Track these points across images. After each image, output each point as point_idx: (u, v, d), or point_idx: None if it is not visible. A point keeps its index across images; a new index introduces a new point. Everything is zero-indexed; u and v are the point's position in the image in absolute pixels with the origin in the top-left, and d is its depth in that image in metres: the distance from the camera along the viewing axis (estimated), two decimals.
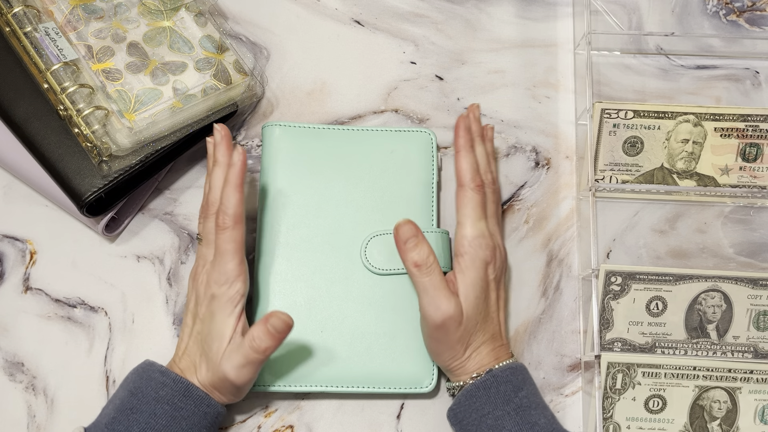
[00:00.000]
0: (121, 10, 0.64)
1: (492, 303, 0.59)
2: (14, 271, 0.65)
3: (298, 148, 0.65)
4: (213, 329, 0.56)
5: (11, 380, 0.63)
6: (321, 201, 0.64)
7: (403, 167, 0.65)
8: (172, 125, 0.61)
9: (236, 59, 0.65)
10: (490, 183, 0.62)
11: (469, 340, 0.57)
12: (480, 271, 0.58)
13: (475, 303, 0.57)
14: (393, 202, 0.64)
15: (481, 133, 0.64)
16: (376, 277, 0.62)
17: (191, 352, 0.57)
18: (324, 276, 0.62)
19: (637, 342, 0.63)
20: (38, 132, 0.61)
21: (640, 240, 0.67)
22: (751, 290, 0.63)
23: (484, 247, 0.58)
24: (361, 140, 0.66)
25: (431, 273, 0.57)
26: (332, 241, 0.63)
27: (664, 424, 0.61)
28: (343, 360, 0.60)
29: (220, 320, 0.56)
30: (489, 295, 0.59)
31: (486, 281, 0.58)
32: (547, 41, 0.72)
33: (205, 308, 0.57)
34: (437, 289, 0.56)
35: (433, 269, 0.57)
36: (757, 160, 0.67)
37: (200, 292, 0.58)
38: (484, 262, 0.58)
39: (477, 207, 0.59)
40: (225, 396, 0.57)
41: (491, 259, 0.59)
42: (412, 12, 0.73)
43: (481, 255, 0.58)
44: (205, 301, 0.57)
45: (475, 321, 0.57)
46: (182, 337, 0.59)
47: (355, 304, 0.62)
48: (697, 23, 0.73)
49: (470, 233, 0.58)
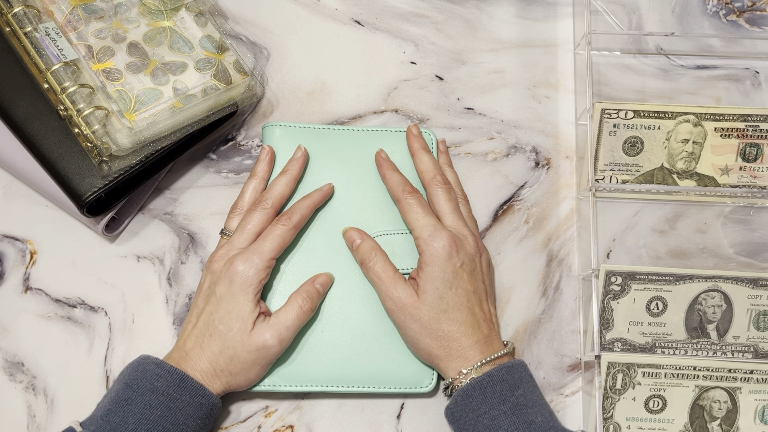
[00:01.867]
0: (121, 10, 0.64)
1: (465, 293, 0.58)
2: (14, 271, 0.65)
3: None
4: (233, 309, 0.57)
5: (11, 380, 0.63)
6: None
7: (403, 167, 0.65)
8: (172, 125, 0.61)
9: (236, 59, 0.65)
10: (439, 183, 0.62)
11: (440, 330, 0.57)
12: (439, 263, 0.58)
13: (435, 291, 0.57)
14: (392, 202, 0.64)
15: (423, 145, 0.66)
16: None
17: (200, 332, 0.58)
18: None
19: (637, 342, 0.63)
20: (38, 132, 0.61)
21: (640, 240, 0.67)
22: (751, 290, 0.63)
23: (437, 238, 0.58)
24: (361, 140, 0.66)
25: (375, 264, 0.60)
26: (333, 242, 0.63)
27: (665, 424, 0.61)
28: (343, 360, 0.60)
29: (242, 301, 0.57)
30: (458, 285, 0.58)
31: (450, 272, 0.58)
32: (547, 41, 0.72)
33: (224, 288, 0.58)
34: (386, 278, 0.59)
35: (377, 260, 0.60)
36: (757, 160, 0.67)
37: (221, 272, 0.58)
38: (442, 254, 0.58)
39: (414, 208, 0.60)
40: (232, 380, 0.57)
41: (451, 249, 0.58)
42: (412, 12, 0.73)
43: (436, 247, 0.58)
44: (226, 280, 0.58)
45: (440, 309, 0.57)
46: (189, 319, 0.59)
47: (355, 304, 0.62)
48: (697, 23, 0.73)
49: (419, 233, 0.59)
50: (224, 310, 0.57)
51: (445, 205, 0.62)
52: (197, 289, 0.61)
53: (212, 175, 0.68)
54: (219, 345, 0.57)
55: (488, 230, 0.67)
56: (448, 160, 0.67)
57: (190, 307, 0.61)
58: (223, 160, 0.69)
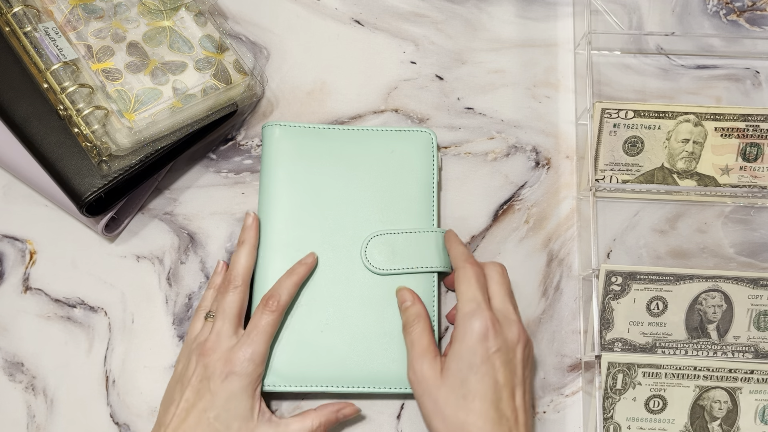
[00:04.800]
0: (121, 10, 0.64)
1: (493, 383, 0.53)
2: (14, 271, 0.65)
3: (298, 147, 0.65)
4: (232, 408, 0.55)
5: (11, 380, 0.63)
6: (321, 201, 0.64)
7: (404, 167, 0.65)
8: (172, 125, 0.61)
9: (236, 59, 0.65)
10: (497, 265, 0.59)
11: (455, 418, 0.53)
12: (470, 342, 0.54)
13: (458, 373, 0.54)
14: (393, 201, 0.64)
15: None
16: (377, 277, 0.62)
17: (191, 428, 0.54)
18: (324, 276, 0.62)
19: (637, 342, 0.63)
20: (38, 132, 0.61)
21: (640, 240, 0.67)
22: (752, 290, 0.63)
23: (477, 317, 0.55)
24: (361, 140, 0.66)
25: (415, 329, 0.58)
26: (332, 241, 0.63)
27: (665, 424, 0.61)
28: (343, 360, 0.60)
29: (243, 400, 0.55)
30: (486, 372, 0.53)
31: (480, 355, 0.54)
32: (548, 41, 0.72)
33: (221, 384, 0.55)
34: (418, 346, 0.57)
35: (418, 326, 0.58)
36: (757, 159, 0.67)
37: (215, 369, 0.55)
38: (477, 334, 0.54)
39: (470, 279, 0.57)
40: None
41: (487, 331, 0.54)
42: (412, 12, 0.73)
43: (473, 325, 0.54)
44: (221, 377, 0.55)
45: (460, 394, 0.53)
46: (173, 411, 0.55)
47: (355, 304, 0.61)
48: (697, 23, 0.73)
49: (461, 306, 0.56)
50: (221, 408, 0.54)
51: (499, 287, 0.58)
52: (179, 377, 0.57)
53: (212, 175, 0.68)
54: None
55: (488, 230, 0.67)
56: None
57: (168, 395, 0.57)
58: (222, 160, 0.69)
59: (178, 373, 0.58)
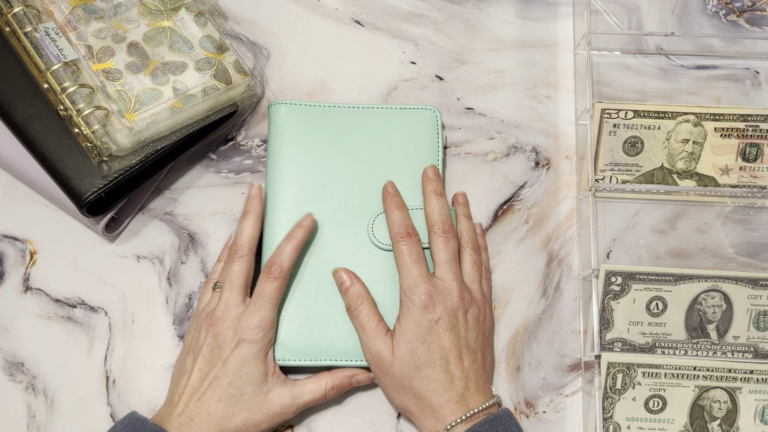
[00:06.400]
0: (121, 10, 0.64)
1: (440, 350, 0.56)
2: (14, 271, 0.65)
3: (304, 126, 0.65)
4: (245, 373, 0.56)
5: (11, 380, 0.63)
6: (328, 178, 0.64)
7: (409, 144, 0.65)
8: (172, 125, 0.61)
9: (236, 59, 0.65)
10: (439, 231, 0.60)
11: (411, 387, 0.56)
12: (414, 316, 0.57)
13: (407, 346, 0.56)
14: (399, 178, 0.64)
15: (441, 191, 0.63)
16: (384, 252, 0.62)
17: (205, 396, 0.56)
18: (332, 252, 0.62)
19: (637, 342, 0.63)
20: (38, 132, 0.61)
21: (640, 240, 0.67)
22: (751, 290, 0.63)
23: (415, 290, 0.57)
24: (366, 118, 0.66)
25: (360, 312, 0.59)
26: (339, 218, 0.63)
27: (665, 424, 0.61)
28: (351, 335, 0.60)
29: (256, 365, 0.56)
30: (432, 341, 0.56)
31: (425, 326, 0.56)
32: (547, 41, 0.72)
33: (233, 351, 0.56)
34: (368, 328, 0.58)
35: (363, 308, 0.59)
36: (757, 160, 0.67)
37: (225, 337, 0.56)
38: (418, 307, 0.57)
39: (403, 255, 0.59)
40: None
41: (427, 303, 0.57)
42: (412, 12, 0.73)
43: (413, 299, 0.57)
44: (232, 345, 0.56)
45: (412, 365, 0.56)
46: (186, 381, 0.56)
47: (363, 278, 0.62)
48: (697, 23, 0.73)
49: (401, 282, 0.58)
50: (234, 375, 0.56)
51: (440, 254, 0.60)
52: (189, 347, 0.58)
53: (212, 175, 0.68)
54: (230, 409, 0.55)
55: (488, 230, 0.67)
56: (466, 212, 0.65)
57: (180, 366, 0.58)
58: (223, 160, 0.69)
59: (188, 344, 0.59)
